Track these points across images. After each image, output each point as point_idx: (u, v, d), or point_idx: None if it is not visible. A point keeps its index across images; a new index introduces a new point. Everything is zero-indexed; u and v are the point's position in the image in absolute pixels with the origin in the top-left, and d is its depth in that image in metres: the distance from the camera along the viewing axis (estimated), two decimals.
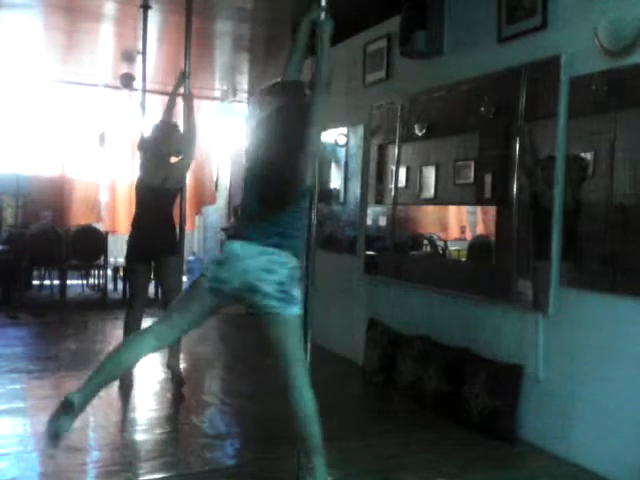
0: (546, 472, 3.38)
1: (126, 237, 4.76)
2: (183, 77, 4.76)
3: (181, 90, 4.81)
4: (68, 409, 2.63)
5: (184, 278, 6.10)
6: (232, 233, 2.68)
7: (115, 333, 6.58)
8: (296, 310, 2.69)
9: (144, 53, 6.30)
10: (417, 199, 4.91)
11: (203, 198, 10.29)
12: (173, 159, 4.65)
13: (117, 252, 9.14)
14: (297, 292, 2.71)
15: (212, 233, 10.69)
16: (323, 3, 2.92)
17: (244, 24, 6.74)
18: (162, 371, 5.06)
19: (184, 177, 4.76)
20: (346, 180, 5.86)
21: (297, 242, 2.78)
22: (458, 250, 4.98)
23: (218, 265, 2.74)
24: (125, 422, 4.00)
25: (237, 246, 2.71)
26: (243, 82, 9.65)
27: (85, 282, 9.06)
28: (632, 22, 3.14)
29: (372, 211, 5.38)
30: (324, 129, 2.87)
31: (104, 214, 9.80)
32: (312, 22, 2.96)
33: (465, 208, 5.37)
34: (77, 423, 3.89)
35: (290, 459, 2.91)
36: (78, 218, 9.42)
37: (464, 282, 4.27)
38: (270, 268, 2.63)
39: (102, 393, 4.53)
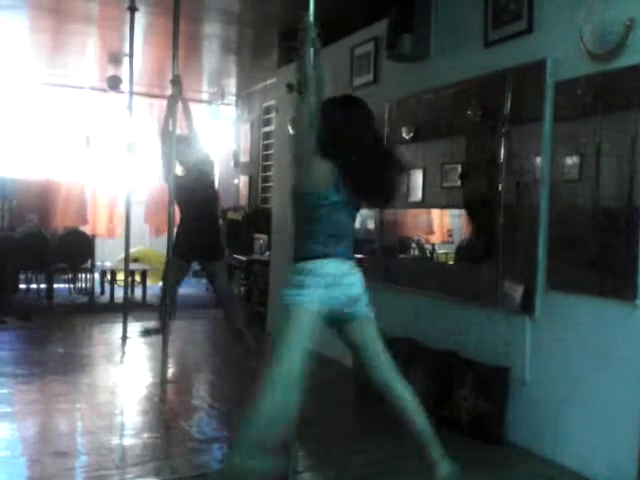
0: (534, 475, 3.39)
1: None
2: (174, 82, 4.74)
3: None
4: None
5: None
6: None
7: (102, 337, 6.58)
8: None
9: (131, 55, 6.30)
10: (405, 203, 4.91)
11: None
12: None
13: (104, 255, 9.12)
14: None
15: None
16: (312, 6, 2.89)
17: (231, 27, 6.75)
18: (150, 376, 5.06)
19: None
20: None
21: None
22: (446, 253, 4.99)
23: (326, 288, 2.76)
24: (113, 426, 3.97)
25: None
26: (231, 85, 9.66)
27: (72, 286, 9.00)
28: (617, 26, 3.17)
29: (360, 214, 5.36)
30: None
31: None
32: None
33: (453, 211, 5.38)
34: (64, 428, 3.94)
35: None
36: (64, 221, 9.38)
37: (451, 285, 4.29)
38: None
39: (89, 396, 4.57)
